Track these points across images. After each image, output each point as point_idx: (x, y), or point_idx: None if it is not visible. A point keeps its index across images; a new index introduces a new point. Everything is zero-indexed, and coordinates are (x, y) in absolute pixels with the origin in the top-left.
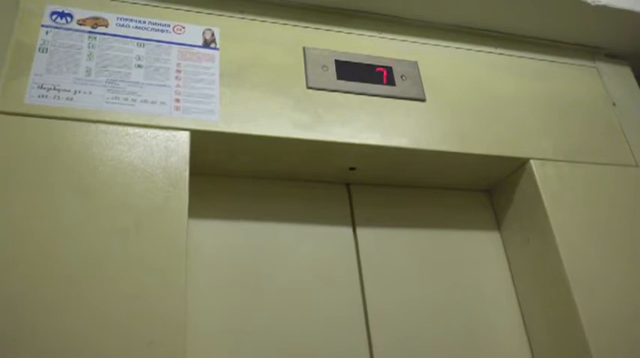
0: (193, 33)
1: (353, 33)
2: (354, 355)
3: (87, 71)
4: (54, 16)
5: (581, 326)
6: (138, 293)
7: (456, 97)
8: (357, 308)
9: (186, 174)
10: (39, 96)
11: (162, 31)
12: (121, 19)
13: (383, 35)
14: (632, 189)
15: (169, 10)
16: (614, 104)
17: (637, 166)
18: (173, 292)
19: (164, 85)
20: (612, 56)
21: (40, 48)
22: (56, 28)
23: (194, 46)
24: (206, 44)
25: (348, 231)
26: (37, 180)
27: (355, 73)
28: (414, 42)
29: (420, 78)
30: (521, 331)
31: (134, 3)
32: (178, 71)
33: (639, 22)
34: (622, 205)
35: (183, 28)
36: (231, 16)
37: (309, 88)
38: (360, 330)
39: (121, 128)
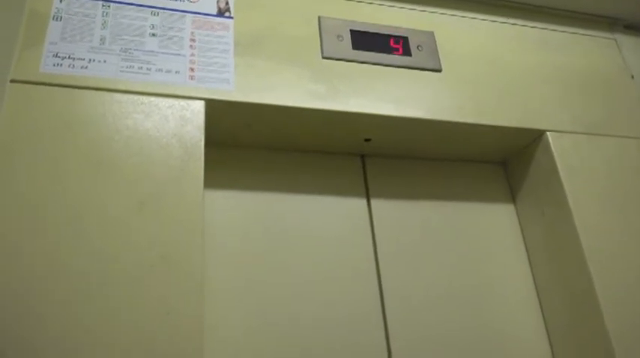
0: (207, 2)
1: (368, 2)
2: (368, 325)
3: (101, 40)
4: None
5: (596, 299)
6: (155, 263)
7: (473, 68)
8: (371, 279)
9: (202, 143)
10: (54, 65)
11: None
12: None
13: (399, 5)
14: None
15: None
16: (632, 77)
17: None
18: (190, 262)
19: (178, 54)
20: (631, 28)
21: (54, 16)
22: None
23: (208, 14)
24: (220, 13)
25: (362, 202)
26: (53, 148)
27: (371, 43)
28: (431, 12)
29: (437, 48)
30: (535, 303)
31: None
32: (192, 40)
33: None
34: (639, 178)
35: None
36: None
37: (324, 58)
38: (374, 301)
39: (136, 97)
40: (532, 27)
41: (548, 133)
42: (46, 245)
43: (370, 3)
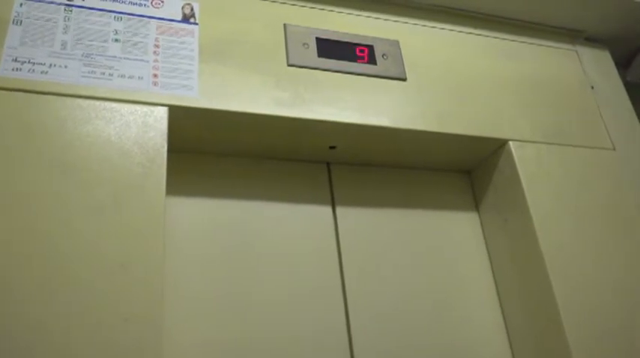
0: (172, 7)
1: (334, 10)
2: (332, 332)
3: (62, 45)
4: None
5: (555, 303)
6: (114, 270)
7: (437, 77)
8: (336, 288)
9: (164, 150)
10: (13, 70)
11: (140, 4)
12: None
13: (365, 14)
14: (608, 172)
15: None
16: (592, 88)
17: (614, 149)
18: (150, 269)
19: (142, 60)
20: (592, 40)
21: (14, 20)
22: (31, 0)
23: (173, 20)
24: (185, 19)
25: (328, 210)
26: (12, 154)
27: (336, 51)
28: (396, 21)
29: (402, 57)
30: (497, 309)
31: None
32: (156, 46)
33: (620, 6)
34: (598, 187)
35: (162, 2)
36: None
37: (289, 65)
38: (338, 308)
39: (97, 103)
40: (496, 37)
41: (510, 142)
42: (1, 249)
43: (336, 11)
